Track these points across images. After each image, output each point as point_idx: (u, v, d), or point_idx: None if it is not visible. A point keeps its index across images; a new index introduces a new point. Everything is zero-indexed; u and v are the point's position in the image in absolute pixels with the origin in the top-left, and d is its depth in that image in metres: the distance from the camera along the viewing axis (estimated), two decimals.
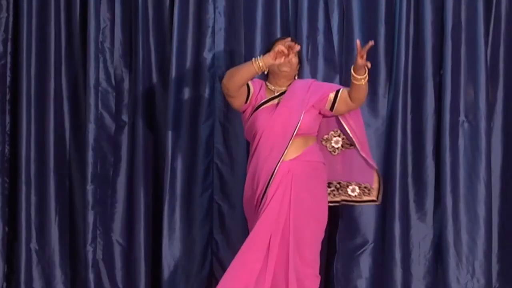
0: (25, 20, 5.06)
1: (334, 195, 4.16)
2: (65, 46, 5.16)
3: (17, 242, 5.01)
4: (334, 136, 4.20)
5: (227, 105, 4.83)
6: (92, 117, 4.97)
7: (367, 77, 3.94)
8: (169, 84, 5.00)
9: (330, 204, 4.13)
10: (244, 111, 4.09)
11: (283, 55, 3.75)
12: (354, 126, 4.12)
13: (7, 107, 5.13)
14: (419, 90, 4.79)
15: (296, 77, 4.15)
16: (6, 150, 5.11)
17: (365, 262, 4.77)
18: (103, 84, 5.04)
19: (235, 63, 4.87)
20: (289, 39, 3.87)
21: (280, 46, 3.77)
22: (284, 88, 4.06)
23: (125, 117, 5.09)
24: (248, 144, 4.66)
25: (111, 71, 5.09)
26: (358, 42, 3.91)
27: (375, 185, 4.17)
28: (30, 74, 5.06)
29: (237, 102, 4.03)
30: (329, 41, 4.91)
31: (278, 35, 4.88)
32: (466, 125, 4.68)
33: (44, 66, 5.14)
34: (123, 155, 5.06)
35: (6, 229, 5.08)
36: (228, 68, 4.67)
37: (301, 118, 3.90)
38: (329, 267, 4.79)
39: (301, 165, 3.88)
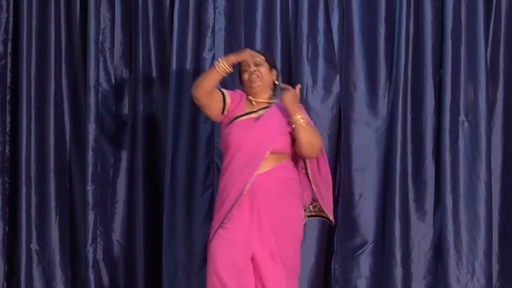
0: (25, 21, 5.06)
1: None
2: (65, 46, 5.16)
3: (18, 242, 5.01)
4: None
5: None
6: (92, 117, 4.97)
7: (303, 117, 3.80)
8: (169, 84, 5.01)
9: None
10: (221, 122, 3.96)
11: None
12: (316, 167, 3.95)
13: (7, 107, 5.13)
14: (419, 90, 4.79)
15: (275, 89, 4.03)
16: (7, 151, 5.12)
17: (365, 262, 4.78)
18: (103, 84, 5.04)
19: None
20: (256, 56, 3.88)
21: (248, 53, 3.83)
22: (265, 102, 3.93)
23: (125, 117, 5.09)
24: None
25: (111, 71, 5.09)
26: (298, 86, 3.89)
27: (331, 217, 4.04)
28: (30, 75, 5.06)
29: (212, 112, 3.89)
30: (329, 41, 4.91)
31: (278, 35, 4.90)
32: (466, 125, 4.68)
33: (44, 66, 5.14)
34: (123, 155, 5.06)
35: (7, 229, 5.08)
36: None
37: (276, 139, 3.78)
38: (328, 267, 4.79)
39: (270, 180, 3.75)
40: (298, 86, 3.87)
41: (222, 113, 3.91)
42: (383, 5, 4.85)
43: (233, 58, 3.81)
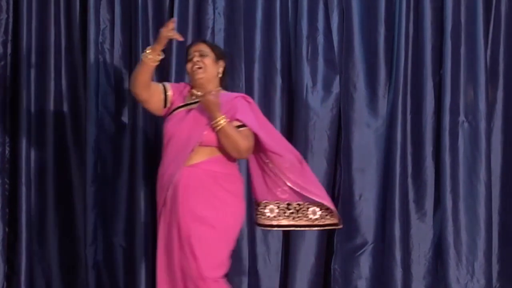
0: (25, 22, 5.05)
1: (294, 218, 3.83)
2: (65, 47, 5.15)
3: (18, 243, 5.00)
4: None
5: None
6: (92, 117, 4.97)
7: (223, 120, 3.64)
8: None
9: (293, 229, 3.97)
10: (164, 116, 3.91)
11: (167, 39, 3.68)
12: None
13: (7, 108, 5.13)
14: (419, 90, 4.80)
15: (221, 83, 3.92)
16: (7, 151, 5.11)
17: (365, 262, 4.78)
18: (103, 85, 5.04)
19: (235, 64, 4.89)
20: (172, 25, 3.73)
21: (163, 31, 3.69)
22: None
23: (125, 118, 5.08)
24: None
25: (111, 72, 5.08)
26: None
27: (333, 207, 3.84)
28: (30, 75, 5.06)
29: (153, 106, 3.84)
30: (329, 42, 4.92)
31: (278, 36, 4.91)
32: (466, 125, 4.69)
33: (44, 67, 5.13)
34: (124, 156, 5.05)
35: (7, 229, 5.08)
36: (228, 68, 4.68)
37: (206, 132, 3.67)
38: (328, 267, 4.80)
39: (199, 173, 3.66)
40: (213, 92, 3.67)
41: (165, 106, 3.86)
42: (383, 5, 4.86)
43: (156, 45, 3.70)
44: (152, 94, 3.81)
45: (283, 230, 4.57)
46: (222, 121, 3.62)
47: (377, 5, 4.87)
